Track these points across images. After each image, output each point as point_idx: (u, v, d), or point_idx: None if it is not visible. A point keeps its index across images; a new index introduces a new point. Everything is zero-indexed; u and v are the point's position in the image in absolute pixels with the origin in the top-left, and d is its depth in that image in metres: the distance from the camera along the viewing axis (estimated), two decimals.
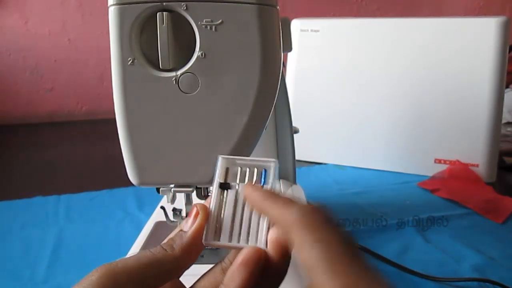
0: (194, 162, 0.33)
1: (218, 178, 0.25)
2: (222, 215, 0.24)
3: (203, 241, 0.23)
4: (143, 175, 0.34)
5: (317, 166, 0.87)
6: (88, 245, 0.56)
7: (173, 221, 0.41)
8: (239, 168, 0.25)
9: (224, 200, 0.24)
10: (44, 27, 1.23)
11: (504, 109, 0.82)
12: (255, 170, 0.25)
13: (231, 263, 0.24)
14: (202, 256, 0.40)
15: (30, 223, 0.62)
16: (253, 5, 0.31)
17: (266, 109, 0.34)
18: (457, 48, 0.76)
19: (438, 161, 0.80)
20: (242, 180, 0.25)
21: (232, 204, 0.24)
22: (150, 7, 0.31)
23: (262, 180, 0.25)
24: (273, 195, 0.23)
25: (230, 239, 0.24)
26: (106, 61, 0.33)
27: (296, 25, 0.86)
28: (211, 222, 0.24)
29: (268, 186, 0.24)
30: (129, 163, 0.34)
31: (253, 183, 0.25)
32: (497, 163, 0.78)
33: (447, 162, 0.79)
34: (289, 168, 0.60)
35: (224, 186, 0.25)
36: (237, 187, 0.25)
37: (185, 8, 0.31)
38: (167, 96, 0.32)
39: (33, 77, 1.25)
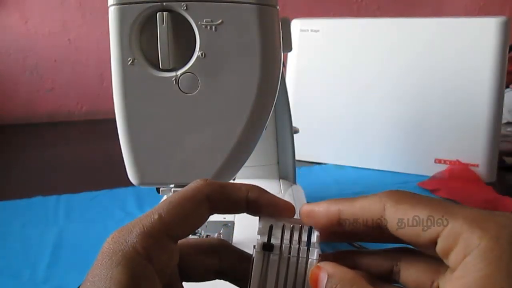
0: (194, 162, 0.33)
1: (260, 238, 0.23)
2: (265, 280, 0.22)
3: None
4: (143, 175, 0.34)
5: (317, 166, 0.87)
6: (88, 245, 0.56)
7: None
8: (282, 226, 0.23)
9: (267, 262, 0.23)
10: (44, 27, 1.22)
11: (504, 109, 0.82)
12: (299, 227, 0.23)
13: None
14: None
15: (30, 223, 0.62)
16: (253, 5, 0.31)
17: (266, 109, 0.34)
18: (457, 48, 0.76)
19: (438, 161, 0.80)
20: (287, 239, 0.23)
21: (275, 267, 0.23)
22: (150, 7, 0.31)
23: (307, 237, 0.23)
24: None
25: None
26: (106, 61, 0.33)
27: (296, 25, 0.86)
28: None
29: (314, 241, 0.23)
30: (129, 163, 0.34)
31: (300, 241, 0.23)
32: (497, 163, 0.78)
33: (447, 162, 0.79)
34: (289, 168, 0.60)
35: (268, 247, 0.23)
36: (280, 247, 0.23)
37: (185, 8, 0.31)
38: (167, 96, 0.32)
39: (33, 77, 1.25)
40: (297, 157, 0.62)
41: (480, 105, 0.75)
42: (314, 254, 0.23)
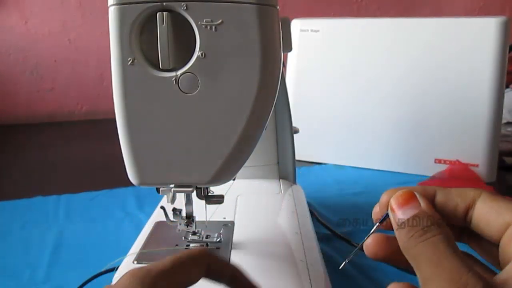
0: (194, 162, 0.33)
1: None
2: None
3: None
4: (143, 175, 0.34)
5: (317, 166, 0.87)
6: (88, 245, 0.56)
7: (173, 221, 0.41)
8: None
9: None
10: (44, 27, 1.23)
11: (504, 109, 0.82)
12: None
13: None
14: None
15: (30, 223, 0.62)
16: (253, 5, 0.31)
17: (266, 109, 0.34)
18: (457, 48, 0.76)
19: (438, 161, 0.80)
20: None
21: None
22: (150, 7, 0.31)
23: None
24: None
25: None
26: (106, 61, 0.33)
27: (296, 25, 0.86)
28: None
29: None
30: (129, 163, 0.34)
31: None
32: (497, 163, 0.78)
33: (447, 162, 0.79)
34: (289, 168, 0.60)
35: None
36: None
37: (185, 8, 0.31)
38: (167, 96, 0.32)
39: (33, 77, 1.25)
40: (297, 157, 0.62)
41: (480, 105, 0.75)
42: None
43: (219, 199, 0.39)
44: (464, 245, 0.26)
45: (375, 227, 0.27)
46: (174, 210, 0.41)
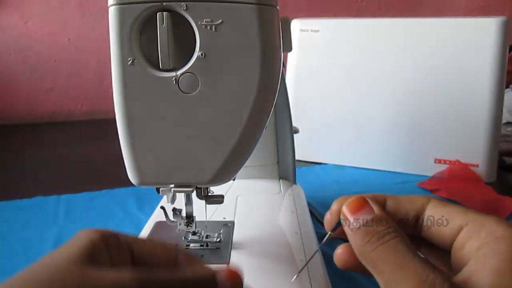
0: (194, 162, 0.33)
1: None
2: None
3: None
4: (143, 175, 0.34)
5: (317, 166, 0.87)
6: None
7: (173, 221, 0.41)
8: None
9: None
10: (44, 27, 1.23)
11: (504, 109, 0.82)
12: None
13: None
14: (202, 256, 0.40)
15: (30, 223, 0.62)
16: (253, 5, 0.31)
17: (266, 109, 0.34)
18: (457, 48, 0.76)
19: (438, 161, 0.80)
20: None
21: None
22: (150, 7, 0.31)
23: None
24: None
25: None
26: (106, 61, 0.33)
27: (296, 25, 0.86)
28: None
29: None
30: (129, 163, 0.34)
31: None
32: (497, 163, 0.78)
33: (447, 162, 0.79)
34: (289, 168, 0.60)
35: None
36: None
37: (185, 8, 0.31)
38: (167, 96, 0.32)
39: (33, 77, 1.25)
40: (297, 157, 0.62)
41: (480, 105, 0.75)
42: None
43: (219, 199, 0.39)
44: None
45: (327, 236, 0.26)
46: (174, 210, 0.41)
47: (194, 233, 0.42)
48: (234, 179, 0.36)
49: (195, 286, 0.22)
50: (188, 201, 0.40)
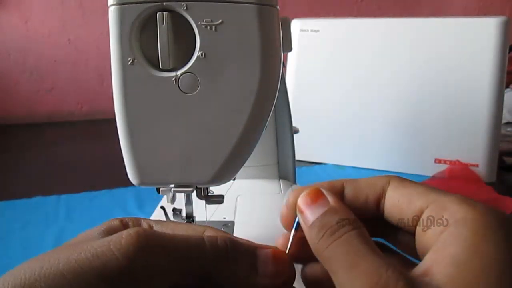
0: (194, 162, 0.33)
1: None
2: None
3: None
4: (143, 175, 0.34)
5: (317, 166, 0.87)
6: None
7: (173, 221, 0.41)
8: None
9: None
10: (44, 27, 1.23)
11: (504, 109, 0.82)
12: None
13: None
14: None
15: (30, 223, 0.62)
16: (253, 5, 0.31)
17: (266, 109, 0.34)
18: (457, 48, 0.76)
19: (438, 161, 0.80)
20: None
21: None
22: (150, 7, 0.31)
23: None
24: None
25: None
26: (106, 61, 0.33)
27: (296, 25, 0.86)
28: None
29: None
30: (129, 163, 0.34)
31: None
32: (497, 163, 0.78)
33: (447, 162, 0.79)
34: (289, 168, 0.60)
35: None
36: None
37: (185, 8, 0.31)
38: (167, 96, 0.32)
39: (33, 77, 1.25)
40: (297, 157, 0.61)
41: (480, 105, 0.75)
42: None
43: (219, 199, 0.39)
44: (380, 239, 0.25)
45: (291, 236, 0.24)
46: (174, 210, 0.41)
47: None
48: (234, 179, 0.36)
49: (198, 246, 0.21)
50: (188, 201, 0.40)
